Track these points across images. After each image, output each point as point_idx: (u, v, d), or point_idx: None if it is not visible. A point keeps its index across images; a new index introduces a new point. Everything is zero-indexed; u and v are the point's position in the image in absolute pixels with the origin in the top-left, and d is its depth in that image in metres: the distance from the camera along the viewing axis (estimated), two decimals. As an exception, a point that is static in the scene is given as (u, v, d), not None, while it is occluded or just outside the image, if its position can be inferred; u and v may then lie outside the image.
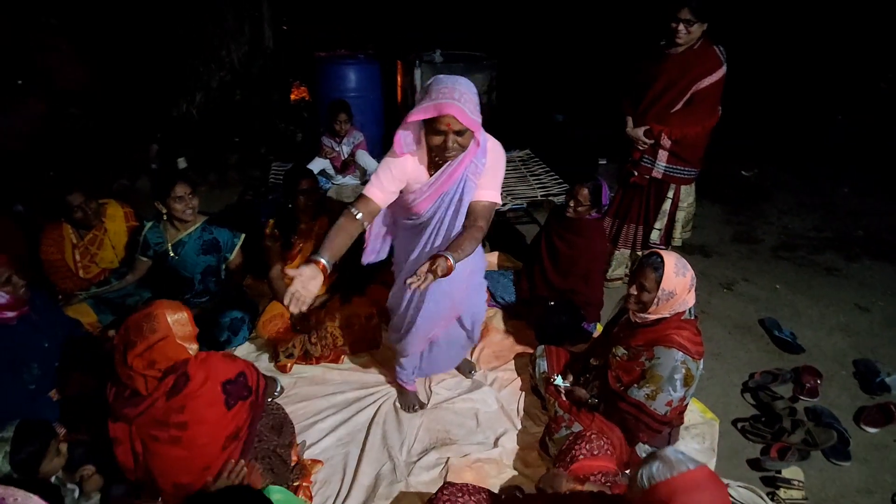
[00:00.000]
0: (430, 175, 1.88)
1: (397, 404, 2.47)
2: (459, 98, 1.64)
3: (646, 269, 1.93)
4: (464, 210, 1.91)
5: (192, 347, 1.67)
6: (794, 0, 5.89)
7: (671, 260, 1.93)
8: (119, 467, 1.69)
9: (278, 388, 2.52)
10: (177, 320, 1.63)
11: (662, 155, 2.89)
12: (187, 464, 1.65)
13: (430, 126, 1.71)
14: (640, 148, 2.93)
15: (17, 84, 4.54)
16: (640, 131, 2.90)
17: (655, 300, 1.93)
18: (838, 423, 2.37)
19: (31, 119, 4.49)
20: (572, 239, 2.85)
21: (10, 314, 2.04)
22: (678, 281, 1.90)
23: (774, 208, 4.56)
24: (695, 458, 1.26)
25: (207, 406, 1.64)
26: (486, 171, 1.89)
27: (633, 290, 1.97)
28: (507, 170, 4.03)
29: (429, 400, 2.51)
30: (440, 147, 1.73)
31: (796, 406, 2.44)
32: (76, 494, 1.76)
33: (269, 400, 2.20)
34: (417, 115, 1.69)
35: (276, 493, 1.54)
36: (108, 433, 1.67)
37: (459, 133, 1.70)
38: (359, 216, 1.82)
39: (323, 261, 1.67)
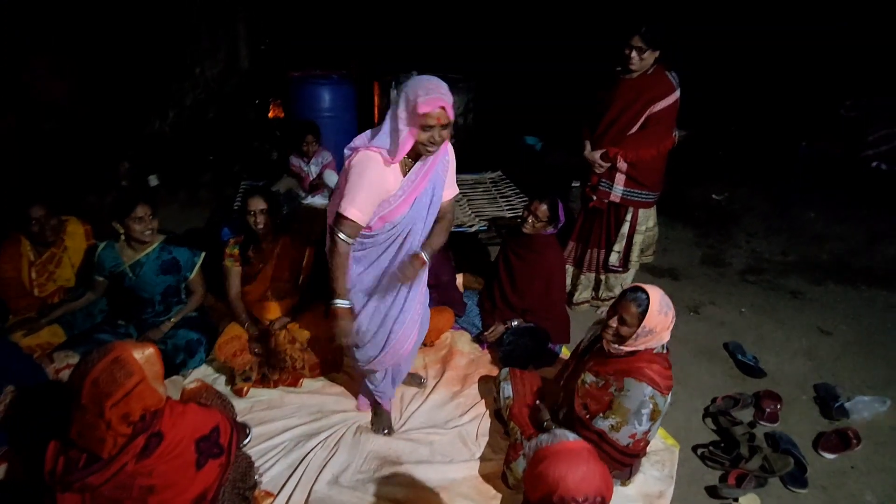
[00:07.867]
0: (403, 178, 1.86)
1: (360, 427, 2.42)
2: (445, 93, 1.70)
3: (629, 303, 1.89)
4: (436, 208, 1.94)
5: (162, 389, 1.54)
6: (759, 32, 6.08)
7: (656, 297, 1.88)
8: None
9: (248, 439, 2.33)
10: (146, 359, 1.50)
11: (619, 178, 2.92)
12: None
13: (418, 122, 1.70)
14: (598, 171, 2.96)
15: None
16: (596, 154, 2.93)
17: (634, 335, 1.89)
18: (796, 448, 2.36)
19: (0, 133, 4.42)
20: (526, 255, 2.84)
21: None
22: (660, 319, 1.88)
23: (743, 232, 4.62)
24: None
25: (178, 469, 1.52)
26: (450, 166, 1.95)
27: (613, 323, 1.93)
28: (477, 191, 4.14)
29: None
30: (425, 142, 1.74)
31: (756, 431, 2.43)
32: None
33: (239, 448, 2.05)
34: (424, 107, 1.65)
35: None
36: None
37: (445, 126, 1.73)
38: (350, 241, 1.84)
39: (348, 304, 1.91)
